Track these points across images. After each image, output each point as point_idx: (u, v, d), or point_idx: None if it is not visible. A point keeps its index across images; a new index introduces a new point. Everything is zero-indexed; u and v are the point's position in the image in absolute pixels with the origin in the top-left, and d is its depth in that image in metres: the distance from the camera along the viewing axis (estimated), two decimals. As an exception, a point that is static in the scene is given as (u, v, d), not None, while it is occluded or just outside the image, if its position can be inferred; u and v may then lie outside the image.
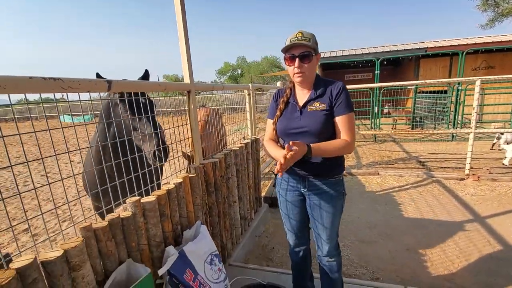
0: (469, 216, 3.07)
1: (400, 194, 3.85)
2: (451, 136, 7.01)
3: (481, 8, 6.85)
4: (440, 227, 2.88)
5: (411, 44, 10.35)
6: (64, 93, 1.01)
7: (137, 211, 1.24)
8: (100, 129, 1.72)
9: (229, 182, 2.26)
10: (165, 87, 1.58)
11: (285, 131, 1.45)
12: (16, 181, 0.93)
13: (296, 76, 1.37)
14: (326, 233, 1.50)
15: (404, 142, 7.24)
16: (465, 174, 4.21)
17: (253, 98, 3.20)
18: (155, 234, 1.34)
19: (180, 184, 1.56)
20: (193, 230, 1.54)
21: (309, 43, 1.30)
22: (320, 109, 1.37)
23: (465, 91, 6.83)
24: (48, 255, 0.89)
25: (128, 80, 1.29)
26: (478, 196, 3.59)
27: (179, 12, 1.72)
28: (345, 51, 11.66)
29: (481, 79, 3.95)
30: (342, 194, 1.48)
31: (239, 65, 39.30)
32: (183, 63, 1.82)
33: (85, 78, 1.05)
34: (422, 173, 4.48)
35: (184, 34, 1.76)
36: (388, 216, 3.20)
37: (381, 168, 5.00)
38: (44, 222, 1.01)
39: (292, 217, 1.59)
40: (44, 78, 0.90)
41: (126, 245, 1.19)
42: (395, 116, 9.09)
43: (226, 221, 2.21)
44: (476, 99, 3.99)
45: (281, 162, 1.15)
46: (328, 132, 1.39)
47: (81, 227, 1.00)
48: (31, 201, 4.45)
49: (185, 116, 1.95)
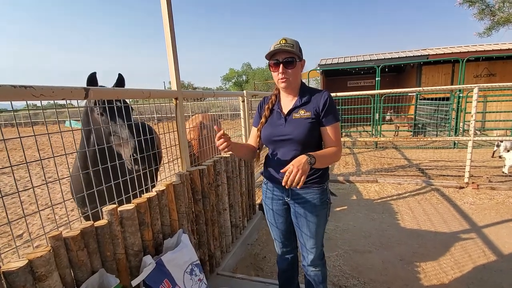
0: (466, 226, 3.00)
1: (398, 202, 3.78)
2: (453, 143, 6.93)
3: (477, 17, 6.86)
4: (436, 237, 2.82)
5: (413, 51, 10.34)
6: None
7: (114, 220, 1.22)
8: (81, 136, 1.73)
9: (218, 189, 2.24)
10: (149, 94, 1.58)
11: (269, 138, 1.43)
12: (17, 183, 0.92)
13: (281, 82, 1.37)
14: (310, 242, 1.47)
15: (405, 149, 7.17)
16: (464, 183, 4.13)
17: (248, 105, 3.20)
18: (133, 243, 1.32)
19: (162, 192, 1.54)
20: (175, 239, 1.52)
21: (293, 49, 1.31)
22: (305, 117, 1.36)
23: (466, 98, 6.77)
24: (10, 265, 0.87)
25: (108, 88, 1.30)
26: (477, 205, 3.51)
27: (167, 19, 1.73)
28: (346, 58, 11.69)
29: (478, 86, 3.90)
30: (326, 203, 1.45)
31: (244, 72, 39.65)
32: (170, 70, 1.83)
33: (60, 86, 1.05)
34: (421, 181, 4.41)
35: (172, 42, 1.77)
36: (384, 225, 3.14)
37: (380, 176, 4.94)
38: (27, 225, 1.00)
39: (277, 226, 1.57)
40: (13, 86, 0.90)
41: (100, 254, 1.18)
42: (397, 123, 9.03)
43: (214, 229, 2.18)
44: (474, 107, 3.94)
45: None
46: (312, 140, 1.38)
47: (50, 236, 0.99)
48: (29, 206, 4.47)
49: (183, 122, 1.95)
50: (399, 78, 13.25)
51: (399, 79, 13.20)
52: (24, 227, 3.77)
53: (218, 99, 3.04)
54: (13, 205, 4.49)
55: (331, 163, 1.40)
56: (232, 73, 39.82)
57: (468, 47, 9.52)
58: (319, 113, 1.35)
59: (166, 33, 1.75)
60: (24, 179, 6.17)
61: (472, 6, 7.12)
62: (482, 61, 8.98)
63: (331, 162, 1.38)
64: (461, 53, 8.66)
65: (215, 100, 6.75)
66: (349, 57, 11.69)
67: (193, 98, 3.27)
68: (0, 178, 6.36)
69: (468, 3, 7.10)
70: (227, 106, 3.45)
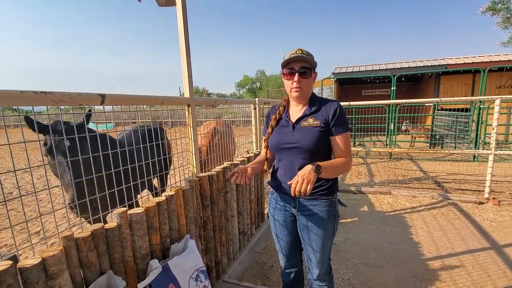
0: (486, 244, 2.86)
1: (412, 216, 3.66)
2: (472, 157, 6.66)
3: (502, 26, 6.62)
4: (452, 254, 2.70)
5: (431, 61, 10.11)
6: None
7: (123, 223, 1.25)
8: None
9: (227, 196, 2.25)
10: (162, 101, 1.63)
11: (277, 146, 1.43)
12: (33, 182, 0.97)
13: (294, 91, 1.36)
14: (317, 257, 1.44)
15: (421, 160, 6.95)
16: (485, 198, 3.95)
17: (259, 113, 3.22)
18: (141, 246, 1.34)
19: (171, 197, 1.57)
20: (182, 244, 1.54)
21: (309, 59, 1.32)
22: (314, 125, 1.35)
23: (487, 109, 6.52)
24: (26, 262, 0.91)
25: (123, 94, 1.35)
26: (498, 222, 3.34)
27: (182, 30, 1.79)
28: (361, 66, 11.57)
29: (501, 98, 3.76)
30: (335, 216, 1.42)
31: (258, 78, 39.99)
32: (183, 78, 1.88)
33: (77, 92, 1.11)
34: (437, 195, 4.25)
35: (186, 52, 1.82)
36: (397, 239, 3.05)
37: (394, 187, 4.81)
38: (42, 225, 1.05)
39: (282, 238, 1.55)
40: (35, 92, 0.96)
41: (109, 256, 1.21)
42: (414, 133, 8.80)
43: (222, 235, 2.19)
44: (496, 119, 3.78)
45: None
46: (320, 149, 1.36)
47: (63, 236, 1.03)
48: (47, 204, 4.64)
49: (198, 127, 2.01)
50: (416, 87, 12.96)
51: (415, 89, 12.90)
52: (43, 224, 3.91)
53: (231, 106, 3.08)
54: (33, 202, 4.68)
55: (339, 173, 1.37)
56: (246, 79, 40.22)
57: (490, 56, 9.20)
58: (328, 122, 1.34)
59: (181, 44, 1.81)
60: (44, 178, 6.44)
61: (496, 15, 6.91)
62: (506, 71, 8.65)
63: (339, 172, 1.36)
64: (483, 63, 8.38)
65: (228, 107, 6.83)
66: (364, 66, 11.57)
67: (206, 105, 3.33)
68: (23, 177, 6.65)
69: (492, 11, 6.90)
70: (239, 112, 3.50)
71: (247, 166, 1.33)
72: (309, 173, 1.13)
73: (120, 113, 1.61)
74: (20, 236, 3.51)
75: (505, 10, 6.87)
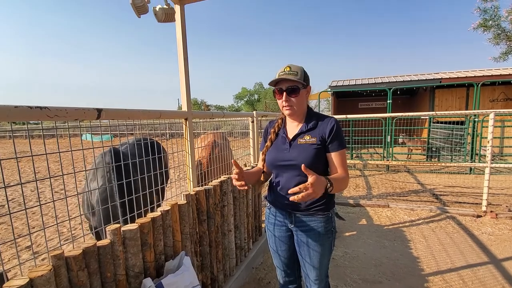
0: (484, 258, 2.82)
1: (411, 229, 3.63)
2: (469, 169, 6.69)
3: (493, 42, 6.81)
4: (452, 269, 2.66)
5: (425, 75, 10.31)
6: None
7: (116, 240, 1.22)
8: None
9: (224, 210, 2.22)
10: (160, 115, 1.63)
11: (273, 163, 1.42)
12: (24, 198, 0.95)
13: (285, 110, 1.37)
14: (314, 273, 1.41)
15: (419, 173, 6.96)
16: (482, 211, 3.94)
17: (257, 125, 3.23)
18: (134, 264, 1.30)
19: (167, 212, 1.54)
20: (177, 261, 1.50)
21: (297, 77, 1.31)
22: (310, 143, 1.34)
23: (481, 122, 6.60)
24: (12, 283, 0.88)
25: (120, 109, 1.34)
26: (495, 236, 3.32)
27: (180, 46, 1.81)
28: (358, 80, 11.75)
29: (495, 112, 3.81)
30: (332, 232, 1.40)
31: (256, 91, 40.42)
32: (181, 92, 1.89)
33: (73, 107, 1.10)
34: (435, 208, 4.23)
35: (184, 66, 1.84)
36: (396, 254, 3.00)
37: (392, 200, 4.78)
38: (31, 241, 1.02)
39: (280, 254, 1.52)
40: (30, 107, 0.95)
41: (100, 275, 1.17)
42: (410, 146, 8.85)
43: (218, 251, 2.14)
44: (491, 132, 3.82)
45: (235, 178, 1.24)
46: (317, 167, 1.34)
47: (52, 254, 0.99)
48: (40, 217, 4.54)
49: (196, 139, 2.00)
50: (411, 100, 13.15)
51: (411, 102, 13.09)
52: (34, 239, 3.81)
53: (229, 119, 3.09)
54: (23, 215, 4.57)
55: (341, 190, 1.36)
56: (245, 92, 40.64)
57: (483, 71, 9.40)
58: (325, 139, 1.33)
59: (179, 60, 1.83)
60: (39, 190, 6.33)
61: (487, 31, 7.10)
62: (499, 85, 8.82)
63: (342, 189, 1.33)
64: (476, 77, 8.56)
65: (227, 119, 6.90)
66: (360, 79, 11.76)
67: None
68: (16, 188, 6.53)
69: (483, 27, 7.09)
70: (237, 124, 3.50)
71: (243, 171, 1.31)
72: (320, 189, 1.09)
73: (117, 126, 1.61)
74: (11, 250, 3.41)
75: (496, 26, 7.08)
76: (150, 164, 2.14)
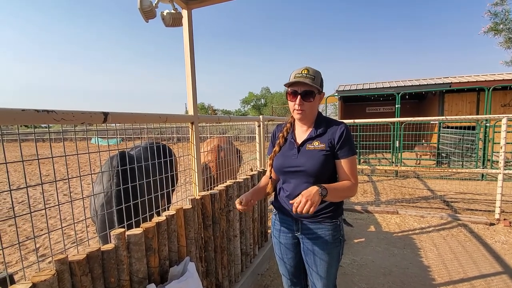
0: (498, 268, 2.72)
1: (421, 237, 3.53)
2: (480, 175, 6.52)
3: (504, 46, 6.67)
4: (464, 279, 2.57)
5: (435, 79, 10.17)
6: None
7: (120, 244, 1.21)
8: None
9: (229, 215, 2.20)
10: (166, 119, 1.63)
11: (281, 169, 1.39)
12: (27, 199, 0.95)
13: (296, 113, 1.34)
14: (321, 283, 1.37)
15: (428, 179, 6.82)
16: (495, 219, 3.81)
17: (264, 130, 3.21)
18: (138, 270, 1.29)
19: (172, 217, 1.52)
20: (181, 267, 1.48)
21: (314, 82, 1.27)
22: (319, 149, 1.31)
23: (493, 127, 6.45)
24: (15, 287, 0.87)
25: (126, 112, 1.34)
26: (510, 245, 3.20)
27: (188, 51, 1.82)
28: (365, 84, 11.66)
29: (507, 116, 3.71)
30: (340, 240, 1.36)
31: (263, 95, 40.59)
32: (188, 96, 1.88)
33: (80, 110, 1.10)
34: (446, 215, 4.12)
35: (191, 70, 1.84)
36: (406, 262, 2.92)
37: (401, 207, 4.68)
38: (35, 245, 1.02)
39: (286, 261, 1.48)
40: (36, 111, 0.95)
41: (104, 280, 1.15)
42: (419, 151, 8.70)
43: (223, 256, 2.11)
44: (503, 138, 3.72)
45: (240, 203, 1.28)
46: (325, 173, 1.32)
47: (56, 259, 0.98)
48: (49, 219, 4.59)
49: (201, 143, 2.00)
50: (420, 105, 12.97)
51: (420, 107, 12.91)
52: (41, 241, 3.85)
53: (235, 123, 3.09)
54: (34, 218, 4.63)
55: (345, 197, 1.32)
56: (251, 96, 40.85)
57: (494, 75, 9.23)
58: (334, 146, 1.30)
59: (186, 64, 1.83)
60: (47, 193, 6.43)
61: (498, 35, 6.98)
62: (510, 90, 8.63)
63: (345, 196, 1.30)
64: (487, 81, 8.40)
65: (233, 123, 6.94)
66: (367, 84, 11.66)
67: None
68: (24, 191, 6.64)
69: (494, 31, 6.97)
70: (244, 128, 3.49)
71: (250, 197, 1.34)
72: (314, 195, 1.09)
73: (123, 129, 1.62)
74: (19, 253, 3.44)
75: (507, 30, 6.95)
76: (162, 167, 2.15)
